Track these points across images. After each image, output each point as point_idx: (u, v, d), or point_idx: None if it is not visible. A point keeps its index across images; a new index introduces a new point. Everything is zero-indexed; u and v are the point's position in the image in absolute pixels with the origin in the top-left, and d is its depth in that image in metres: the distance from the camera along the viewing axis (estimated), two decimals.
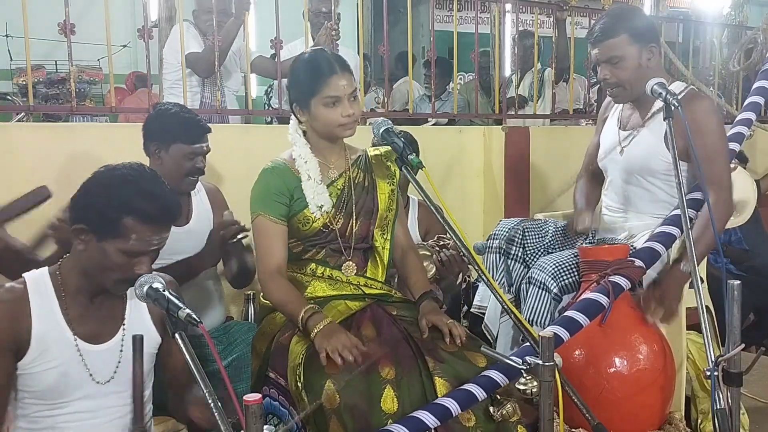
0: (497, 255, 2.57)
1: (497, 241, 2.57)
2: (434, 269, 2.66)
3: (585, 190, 2.72)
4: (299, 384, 1.87)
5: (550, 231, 2.59)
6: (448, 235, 2.80)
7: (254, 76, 4.14)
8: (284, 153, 2.17)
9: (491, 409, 1.87)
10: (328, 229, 2.10)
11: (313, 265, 2.12)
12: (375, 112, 3.91)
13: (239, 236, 2.39)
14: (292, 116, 2.15)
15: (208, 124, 2.58)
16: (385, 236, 2.20)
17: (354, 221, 2.13)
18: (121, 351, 1.77)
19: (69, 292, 1.75)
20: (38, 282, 1.75)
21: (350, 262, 2.14)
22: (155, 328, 1.84)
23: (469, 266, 2.88)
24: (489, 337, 2.53)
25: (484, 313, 2.56)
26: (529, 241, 2.56)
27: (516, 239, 2.56)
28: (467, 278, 2.90)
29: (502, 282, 2.55)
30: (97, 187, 1.70)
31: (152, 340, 1.84)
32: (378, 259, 2.20)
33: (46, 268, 1.79)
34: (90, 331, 1.76)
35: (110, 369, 1.76)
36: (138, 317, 1.83)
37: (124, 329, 1.79)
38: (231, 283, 2.62)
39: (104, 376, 1.75)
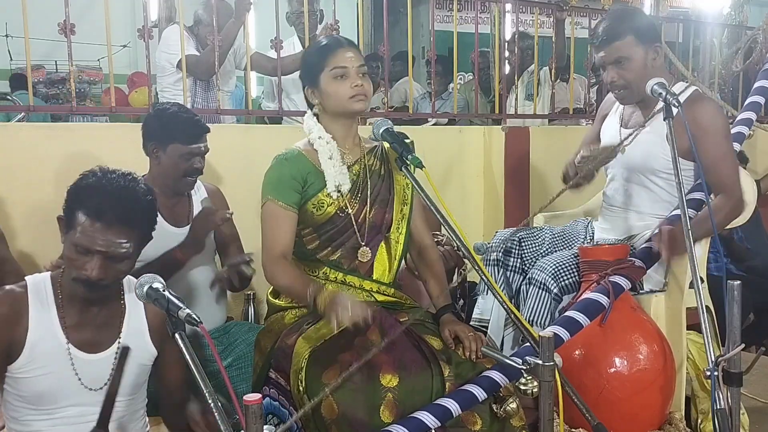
0: (495, 267, 2.56)
1: (494, 253, 2.56)
2: None
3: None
4: (301, 388, 1.86)
5: (546, 238, 2.58)
6: (441, 231, 2.81)
7: (254, 77, 4.14)
8: (298, 142, 2.15)
9: (494, 406, 1.87)
10: (342, 213, 2.07)
11: (326, 269, 2.09)
12: (375, 112, 3.90)
13: (222, 220, 2.40)
14: (307, 109, 2.16)
15: (207, 125, 2.57)
16: (399, 230, 2.17)
17: (369, 208, 2.11)
18: (114, 360, 1.76)
19: (67, 299, 1.74)
20: (39, 287, 1.74)
21: (366, 248, 2.11)
22: (152, 341, 1.83)
23: (465, 261, 2.87)
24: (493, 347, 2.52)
25: (485, 326, 2.55)
26: (526, 250, 2.56)
27: (513, 250, 2.55)
28: (462, 272, 2.88)
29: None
30: (74, 183, 1.72)
31: (147, 352, 1.83)
32: (387, 253, 2.16)
33: (49, 272, 1.78)
34: (86, 340, 1.75)
35: (103, 377, 1.75)
36: (136, 329, 1.81)
37: (119, 340, 1.78)
38: (228, 287, 2.61)
39: (96, 383, 1.74)
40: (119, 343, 1.77)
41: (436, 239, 2.69)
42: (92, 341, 1.75)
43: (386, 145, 2.19)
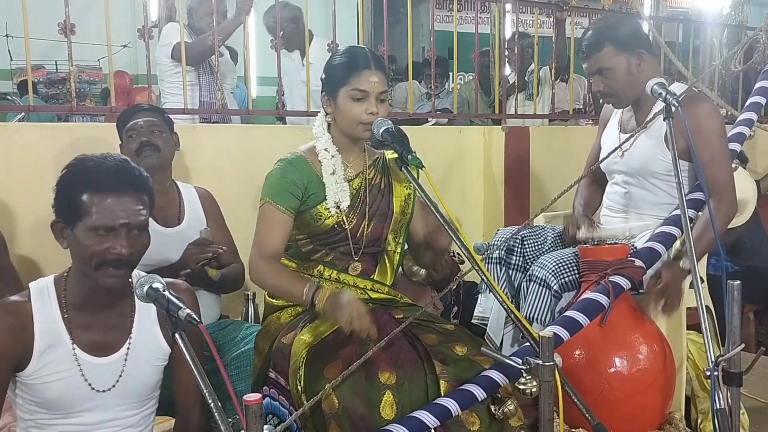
0: (498, 265, 2.56)
1: (497, 251, 2.55)
2: (425, 272, 2.65)
3: (585, 195, 2.73)
4: (299, 387, 1.86)
5: (549, 237, 2.58)
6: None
7: (255, 78, 4.15)
8: (303, 146, 2.13)
9: (492, 408, 1.87)
10: (339, 227, 2.06)
11: (320, 267, 2.10)
12: None
13: (210, 258, 2.38)
14: (321, 110, 2.14)
15: (207, 123, 2.58)
16: (397, 239, 2.17)
17: (366, 223, 2.10)
18: (125, 362, 1.73)
19: (73, 302, 1.70)
20: (42, 292, 1.70)
21: (357, 263, 2.11)
22: (164, 339, 1.79)
23: (460, 267, 2.87)
24: (492, 347, 2.51)
25: (486, 324, 2.55)
26: (528, 249, 2.55)
27: (515, 248, 2.55)
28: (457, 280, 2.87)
29: (504, 292, 2.53)
30: (59, 179, 1.69)
31: (160, 352, 1.79)
32: (387, 262, 2.18)
33: (52, 276, 1.74)
34: (94, 342, 1.70)
35: (112, 379, 1.71)
36: (148, 329, 1.78)
37: (130, 341, 1.74)
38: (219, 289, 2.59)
39: (104, 385, 1.71)
40: (129, 344, 1.74)
41: None
42: (101, 344, 1.71)
43: (388, 155, 2.19)
